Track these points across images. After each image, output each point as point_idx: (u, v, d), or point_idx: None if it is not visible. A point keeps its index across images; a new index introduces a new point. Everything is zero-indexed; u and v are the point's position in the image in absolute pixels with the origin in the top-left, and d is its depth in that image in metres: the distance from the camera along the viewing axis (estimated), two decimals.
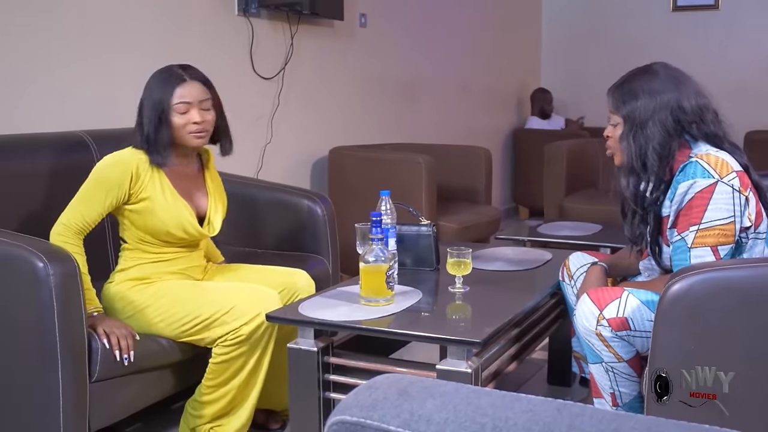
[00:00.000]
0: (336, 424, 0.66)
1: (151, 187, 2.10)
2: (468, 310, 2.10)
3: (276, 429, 2.33)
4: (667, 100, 1.84)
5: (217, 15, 3.46)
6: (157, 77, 2.14)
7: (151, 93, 2.12)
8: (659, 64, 1.93)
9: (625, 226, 1.99)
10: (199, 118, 2.13)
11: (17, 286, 1.85)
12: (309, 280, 2.33)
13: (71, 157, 2.44)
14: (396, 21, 4.82)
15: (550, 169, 4.73)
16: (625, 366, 1.84)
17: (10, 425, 1.90)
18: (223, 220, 2.30)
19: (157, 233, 2.13)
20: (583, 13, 6.77)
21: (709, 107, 1.88)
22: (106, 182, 2.06)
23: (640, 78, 1.90)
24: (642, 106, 1.85)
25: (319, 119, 4.17)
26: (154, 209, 2.10)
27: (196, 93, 2.13)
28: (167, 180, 2.13)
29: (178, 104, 2.10)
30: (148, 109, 2.11)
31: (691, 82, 1.89)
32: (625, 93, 1.89)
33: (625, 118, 1.89)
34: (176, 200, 2.13)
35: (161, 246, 2.16)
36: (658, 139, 1.84)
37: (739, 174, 1.79)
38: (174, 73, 2.13)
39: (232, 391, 2.09)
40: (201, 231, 2.19)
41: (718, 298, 1.53)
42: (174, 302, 2.08)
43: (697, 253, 1.77)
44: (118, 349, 1.94)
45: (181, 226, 2.13)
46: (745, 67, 6.14)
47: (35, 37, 2.68)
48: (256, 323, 2.03)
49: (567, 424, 0.62)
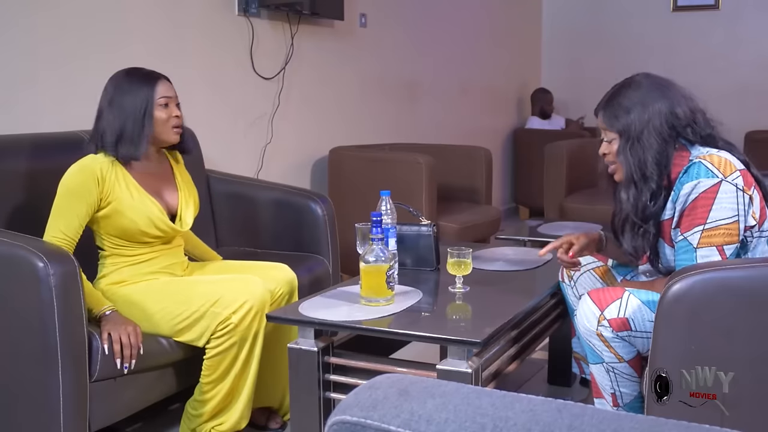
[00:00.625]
0: (336, 424, 0.66)
1: (117, 189, 2.11)
2: (468, 310, 2.10)
3: (276, 429, 2.34)
4: (659, 108, 1.85)
5: (217, 15, 3.46)
6: (126, 77, 2.16)
7: (125, 92, 2.13)
8: (641, 75, 1.94)
9: (624, 241, 1.97)
10: (179, 113, 2.21)
11: (18, 286, 1.85)
12: (290, 273, 2.34)
13: (72, 157, 2.42)
14: (396, 21, 4.82)
15: (550, 169, 4.73)
16: (625, 366, 1.84)
17: (10, 425, 1.90)
18: (195, 216, 2.31)
19: (130, 234, 2.14)
20: (584, 13, 6.77)
21: (698, 109, 1.89)
22: (75, 191, 2.07)
23: (626, 92, 1.90)
24: (635, 119, 1.85)
25: (319, 119, 4.17)
26: (122, 210, 2.11)
27: (171, 90, 2.21)
28: (132, 180, 2.15)
29: (160, 99, 2.16)
30: (123, 107, 2.12)
31: (676, 87, 1.90)
32: (616, 109, 1.89)
33: (620, 132, 1.89)
34: (143, 198, 2.15)
35: (137, 247, 2.17)
36: (655, 147, 1.84)
37: (742, 172, 1.79)
38: (147, 72, 2.19)
39: (228, 384, 2.11)
40: (172, 226, 2.20)
41: (719, 298, 1.53)
42: (164, 298, 2.10)
43: (703, 253, 1.77)
44: (119, 357, 1.94)
45: (152, 223, 2.14)
46: (745, 67, 6.14)
47: (36, 36, 2.68)
48: (244, 310, 2.05)
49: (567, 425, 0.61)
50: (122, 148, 2.11)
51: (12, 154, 2.34)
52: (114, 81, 2.17)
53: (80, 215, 2.06)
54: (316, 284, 2.57)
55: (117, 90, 2.15)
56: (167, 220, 2.19)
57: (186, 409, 2.19)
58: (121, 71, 2.19)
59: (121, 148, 2.11)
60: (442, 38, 5.33)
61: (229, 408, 2.15)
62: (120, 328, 1.96)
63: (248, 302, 2.06)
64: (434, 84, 5.28)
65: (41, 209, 2.29)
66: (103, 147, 2.12)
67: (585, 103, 6.59)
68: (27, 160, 2.35)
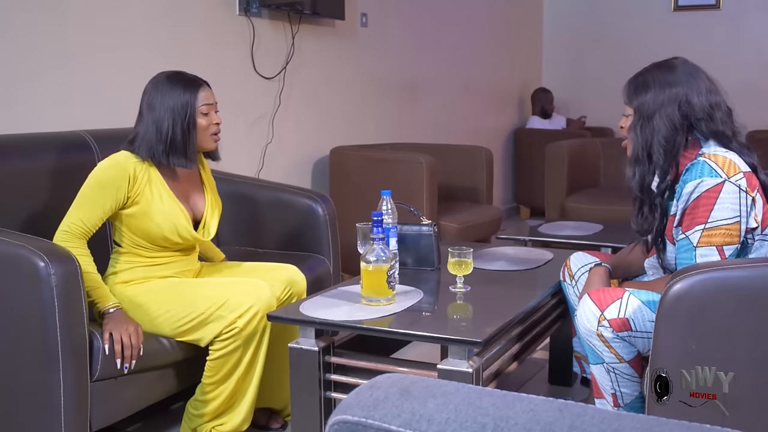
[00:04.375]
0: (337, 424, 0.66)
1: (148, 191, 2.11)
2: (469, 310, 2.10)
3: (277, 429, 2.33)
4: (676, 93, 1.85)
5: (218, 15, 3.46)
6: (168, 82, 2.14)
7: (167, 97, 2.12)
8: (680, 59, 1.94)
9: (632, 219, 1.99)
10: (219, 120, 2.21)
11: (19, 286, 1.85)
12: (298, 274, 2.34)
13: (72, 156, 2.44)
14: (397, 21, 4.82)
15: (551, 168, 4.73)
16: (626, 366, 1.84)
17: (11, 424, 1.90)
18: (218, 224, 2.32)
19: (153, 237, 2.13)
20: (585, 13, 6.76)
21: (720, 105, 1.88)
22: (105, 185, 2.06)
23: (655, 71, 1.91)
24: (651, 99, 1.87)
25: (320, 119, 4.17)
26: (150, 213, 2.10)
27: (212, 96, 2.20)
28: (164, 183, 2.14)
29: (202, 106, 2.15)
30: (167, 113, 2.11)
31: (705, 79, 1.90)
32: (638, 85, 1.91)
33: (635, 109, 1.91)
34: (173, 204, 2.14)
35: (156, 250, 2.17)
36: (663, 132, 1.84)
37: (747, 175, 1.78)
38: (189, 77, 2.18)
39: (231, 386, 2.10)
40: (196, 236, 2.20)
41: (719, 297, 1.53)
42: (169, 299, 2.09)
43: (702, 252, 1.77)
44: (119, 358, 1.94)
45: (176, 231, 2.14)
46: (746, 67, 6.13)
47: (36, 36, 2.68)
48: (250, 315, 2.05)
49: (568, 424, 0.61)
50: (174, 158, 2.12)
51: (13, 153, 2.33)
52: (157, 85, 2.15)
53: (105, 209, 2.07)
54: (316, 284, 2.57)
55: (155, 95, 2.13)
56: (191, 230, 2.18)
57: (187, 408, 2.19)
58: (163, 75, 2.17)
59: (173, 158, 2.12)
60: (443, 38, 5.33)
61: (231, 409, 2.15)
62: (121, 328, 1.96)
63: (254, 306, 2.05)
64: (435, 83, 5.28)
65: (43, 209, 2.30)
66: (151, 155, 2.11)
67: (586, 102, 6.60)
68: (28, 160, 2.35)
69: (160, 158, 2.12)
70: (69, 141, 2.49)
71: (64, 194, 2.13)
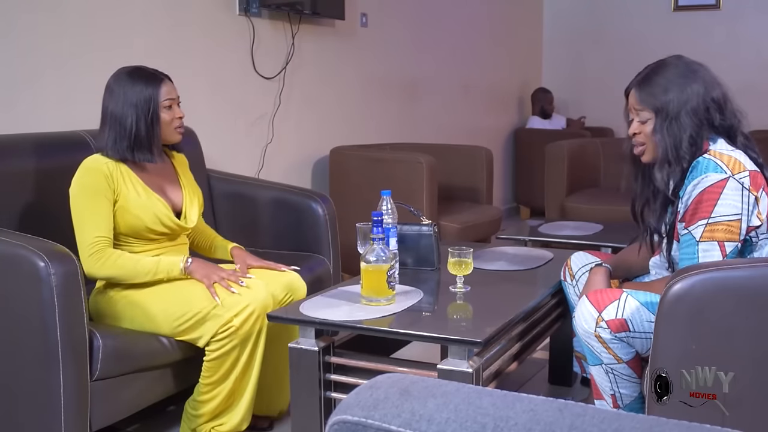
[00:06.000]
0: (337, 424, 0.66)
1: (123, 187, 2.13)
2: (469, 310, 2.10)
3: (265, 428, 2.32)
4: (696, 89, 1.85)
5: (218, 15, 3.46)
6: (129, 78, 2.16)
7: (129, 93, 2.14)
8: (672, 57, 1.93)
9: (651, 217, 1.96)
10: (182, 113, 2.24)
11: (19, 286, 1.85)
12: (299, 281, 2.32)
13: (73, 156, 2.43)
14: (397, 21, 4.82)
15: (551, 168, 4.73)
16: (624, 367, 1.84)
17: (11, 424, 1.90)
18: (200, 213, 2.34)
19: (137, 230, 2.15)
20: (585, 13, 6.76)
21: (728, 96, 1.89)
22: (93, 191, 2.08)
23: (663, 71, 1.89)
24: (674, 98, 1.84)
25: (320, 119, 4.17)
26: (128, 207, 2.12)
27: (174, 91, 2.23)
28: (137, 178, 2.16)
29: (165, 101, 2.18)
30: (130, 109, 2.13)
31: (708, 71, 1.90)
32: (653, 87, 1.88)
33: (657, 111, 1.87)
34: (149, 195, 2.17)
35: (143, 243, 2.18)
36: (690, 128, 1.83)
37: (752, 173, 1.78)
38: (150, 72, 2.20)
39: (228, 386, 2.11)
40: (177, 222, 2.22)
41: (719, 297, 1.53)
42: (163, 299, 2.10)
43: (704, 247, 1.77)
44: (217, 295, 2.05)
45: (158, 219, 2.16)
46: (746, 67, 6.12)
47: (37, 36, 2.68)
48: (246, 313, 2.05)
49: (568, 424, 0.61)
50: (138, 154, 2.15)
51: (13, 153, 2.34)
52: (117, 81, 2.17)
53: (108, 211, 2.09)
54: (316, 284, 2.57)
55: (116, 92, 2.15)
56: (173, 216, 2.20)
57: (185, 408, 2.19)
58: (124, 71, 2.19)
59: (138, 153, 2.14)
60: (443, 38, 5.33)
61: (230, 409, 2.15)
62: (213, 277, 2.10)
63: (250, 305, 2.06)
64: (435, 84, 5.28)
65: (42, 209, 2.30)
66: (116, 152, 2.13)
67: (586, 102, 6.60)
68: (28, 160, 2.35)
69: (125, 154, 2.13)
70: (69, 141, 2.49)
71: (63, 194, 2.13)
